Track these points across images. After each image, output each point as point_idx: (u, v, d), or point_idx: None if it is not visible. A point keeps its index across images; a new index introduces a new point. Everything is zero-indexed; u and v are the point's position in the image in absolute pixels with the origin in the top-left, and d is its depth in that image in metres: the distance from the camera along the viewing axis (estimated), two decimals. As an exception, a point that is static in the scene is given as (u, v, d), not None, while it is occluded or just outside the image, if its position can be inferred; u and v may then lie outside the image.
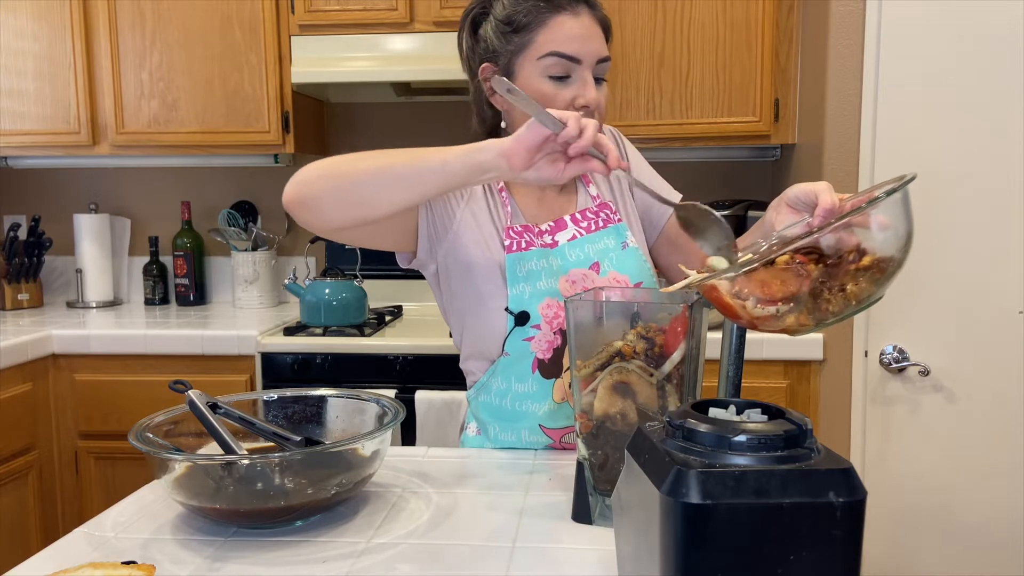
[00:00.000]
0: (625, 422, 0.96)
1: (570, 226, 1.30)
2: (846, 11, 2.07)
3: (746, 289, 0.86)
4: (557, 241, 1.29)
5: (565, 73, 1.21)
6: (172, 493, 0.99)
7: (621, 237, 1.31)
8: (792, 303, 0.86)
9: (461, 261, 1.27)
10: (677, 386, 0.94)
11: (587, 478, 1.00)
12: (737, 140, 2.39)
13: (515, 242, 1.26)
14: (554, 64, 1.21)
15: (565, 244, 1.28)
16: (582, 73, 1.21)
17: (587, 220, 1.32)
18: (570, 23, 1.21)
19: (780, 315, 0.86)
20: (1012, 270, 2.04)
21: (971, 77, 2.02)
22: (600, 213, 1.33)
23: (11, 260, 2.76)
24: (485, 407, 1.32)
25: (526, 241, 1.26)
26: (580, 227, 1.31)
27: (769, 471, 0.66)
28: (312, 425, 1.16)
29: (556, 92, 1.21)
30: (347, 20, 2.45)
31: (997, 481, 2.08)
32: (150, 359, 2.33)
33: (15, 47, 2.56)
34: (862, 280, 0.86)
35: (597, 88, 1.23)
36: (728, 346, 1.07)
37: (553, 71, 1.21)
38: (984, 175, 2.03)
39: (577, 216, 1.32)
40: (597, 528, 0.99)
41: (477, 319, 1.27)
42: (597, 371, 0.96)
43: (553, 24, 1.20)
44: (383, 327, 2.47)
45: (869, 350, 2.12)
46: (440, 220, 1.27)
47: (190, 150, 2.59)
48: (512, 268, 1.24)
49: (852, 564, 0.66)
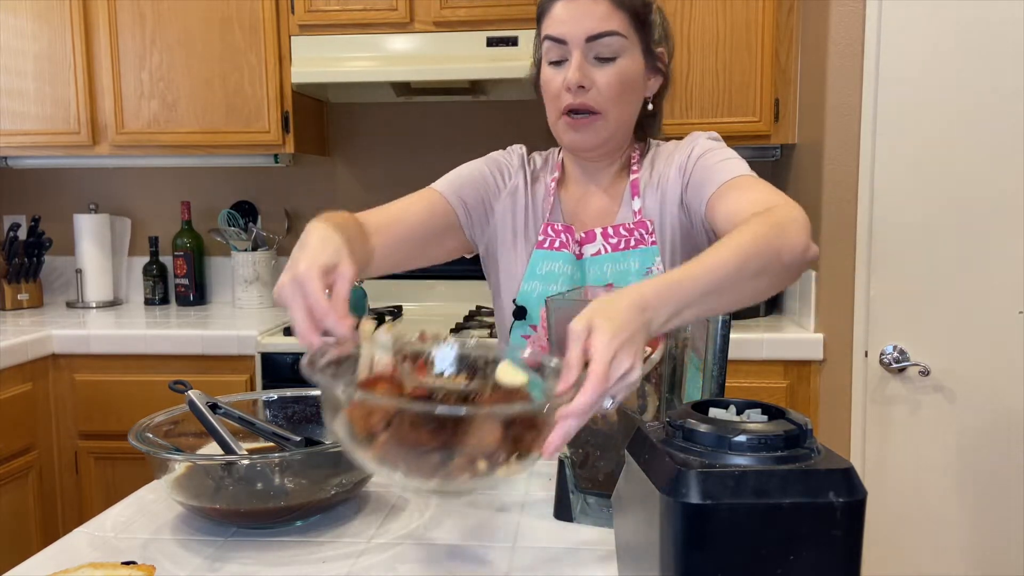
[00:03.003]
0: (605, 421, 0.96)
1: (598, 240, 1.25)
2: (846, 11, 2.07)
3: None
4: (583, 253, 1.26)
5: (561, 57, 1.19)
6: (172, 493, 0.99)
7: (648, 262, 1.22)
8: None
9: (496, 251, 1.31)
10: (656, 386, 0.95)
11: (568, 476, 1.00)
12: (737, 140, 2.39)
13: (549, 240, 1.27)
14: (549, 48, 1.20)
15: (588, 259, 1.25)
16: (572, 53, 1.17)
17: (618, 237, 1.25)
18: (562, 7, 1.18)
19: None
20: (1012, 270, 2.03)
21: (971, 77, 2.02)
22: (635, 232, 1.24)
23: (11, 260, 2.76)
24: None
25: (560, 242, 1.26)
26: (608, 243, 1.25)
27: (769, 471, 0.66)
28: (312, 425, 1.16)
29: (552, 77, 1.20)
30: (347, 20, 2.45)
31: (997, 481, 2.08)
32: (150, 359, 2.33)
33: (15, 47, 2.56)
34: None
35: (601, 67, 1.17)
36: (712, 345, 1.07)
37: (551, 55, 1.20)
38: (984, 175, 2.03)
39: (609, 231, 1.25)
40: (597, 528, 0.99)
41: (497, 304, 1.33)
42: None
43: (552, 11, 1.19)
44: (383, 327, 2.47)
45: (869, 350, 2.12)
46: (479, 215, 1.29)
47: (190, 150, 2.59)
48: (534, 263, 1.26)
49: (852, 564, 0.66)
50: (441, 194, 1.27)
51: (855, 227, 2.10)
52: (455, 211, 1.26)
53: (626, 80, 1.19)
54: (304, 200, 2.93)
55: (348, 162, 2.91)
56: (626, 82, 1.19)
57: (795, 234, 0.96)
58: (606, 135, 1.22)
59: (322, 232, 0.94)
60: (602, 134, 1.21)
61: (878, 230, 2.09)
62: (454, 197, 1.27)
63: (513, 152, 1.35)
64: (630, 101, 1.22)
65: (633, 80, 1.20)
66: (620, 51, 1.17)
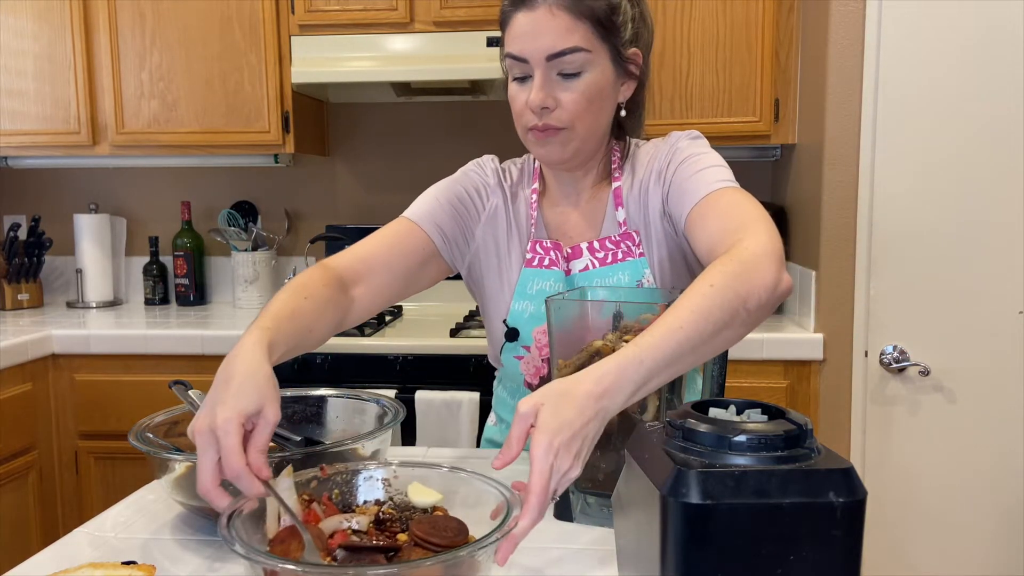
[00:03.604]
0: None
1: (585, 255, 1.21)
2: (846, 11, 2.07)
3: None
4: (571, 269, 1.22)
5: (524, 73, 1.13)
6: (172, 493, 0.99)
7: (637, 275, 1.19)
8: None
9: (481, 273, 1.28)
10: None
11: None
12: (737, 140, 2.39)
13: (538, 257, 1.23)
14: (512, 65, 1.14)
15: (577, 275, 1.21)
16: (534, 72, 1.11)
17: (605, 251, 1.21)
18: (520, 20, 1.11)
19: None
20: (1012, 270, 2.04)
21: (971, 77, 2.02)
22: (621, 244, 1.20)
23: (11, 260, 2.76)
24: (499, 402, 1.35)
25: (549, 259, 1.22)
26: (596, 257, 1.21)
27: (769, 471, 0.66)
28: (312, 425, 1.16)
29: (516, 94, 1.15)
30: (347, 20, 2.45)
31: (997, 481, 2.08)
32: (150, 359, 2.33)
33: (15, 47, 2.56)
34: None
35: (566, 83, 1.11)
36: None
37: (514, 72, 1.15)
38: (984, 175, 2.03)
39: (595, 245, 1.21)
40: (597, 528, 0.99)
41: (488, 324, 1.29)
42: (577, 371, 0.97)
43: (512, 23, 1.12)
44: (383, 327, 2.47)
45: (869, 350, 2.12)
46: (461, 241, 1.26)
47: (190, 150, 2.59)
48: (523, 283, 1.22)
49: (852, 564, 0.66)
50: (417, 224, 1.22)
51: (855, 227, 2.10)
52: (432, 240, 1.22)
53: (593, 95, 1.13)
54: (304, 200, 2.93)
55: (348, 162, 2.91)
56: (593, 97, 1.13)
57: (762, 275, 0.92)
58: (574, 148, 1.17)
59: (250, 362, 0.90)
60: (570, 147, 1.16)
61: (878, 230, 2.09)
62: (430, 225, 1.22)
63: (486, 168, 1.29)
64: (599, 112, 1.16)
65: (601, 92, 1.14)
66: (584, 66, 1.11)
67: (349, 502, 0.91)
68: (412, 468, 0.92)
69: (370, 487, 0.92)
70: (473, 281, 1.30)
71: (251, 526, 0.81)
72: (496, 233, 1.26)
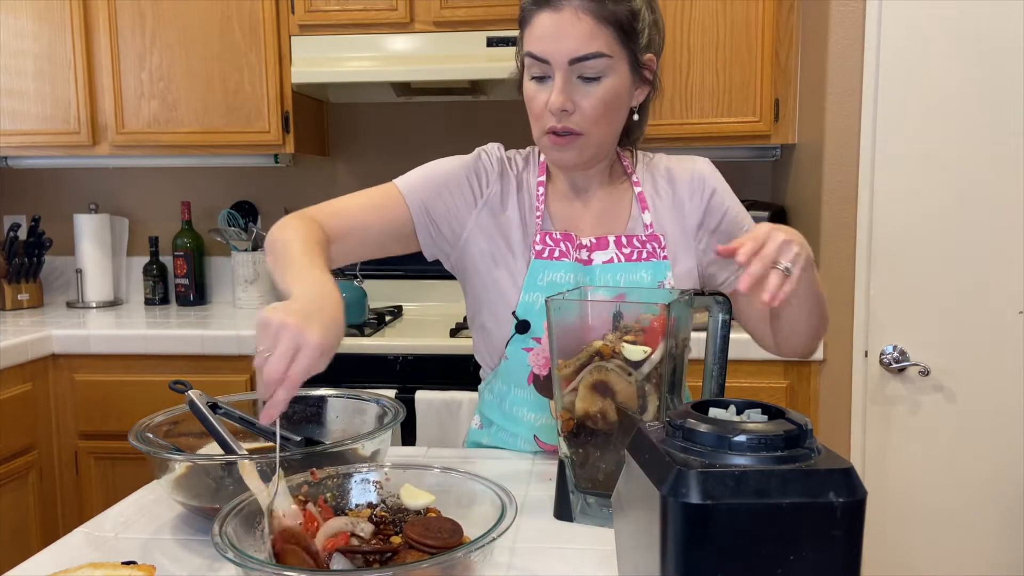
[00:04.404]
0: (605, 421, 0.96)
1: (611, 248, 1.23)
2: (846, 11, 2.07)
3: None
4: (592, 259, 1.22)
5: (543, 73, 1.14)
6: (172, 493, 0.99)
7: (660, 275, 1.22)
8: None
9: (475, 264, 1.27)
10: (656, 385, 0.95)
11: (568, 476, 1.00)
12: (737, 140, 2.39)
13: (548, 249, 1.23)
14: (530, 64, 1.15)
15: (599, 265, 1.22)
16: (554, 74, 1.13)
17: (631, 247, 1.23)
18: (544, 20, 1.12)
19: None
20: (1012, 270, 2.04)
21: (971, 77, 2.02)
22: (647, 244, 1.23)
23: (11, 260, 2.76)
24: (487, 404, 1.32)
25: (560, 251, 1.22)
26: (622, 252, 1.23)
27: (769, 471, 0.66)
28: (312, 425, 1.16)
29: (535, 94, 1.16)
30: (347, 20, 2.45)
31: (997, 481, 2.08)
32: (150, 359, 2.33)
33: (15, 47, 2.56)
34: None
35: (585, 87, 1.13)
36: (712, 346, 1.07)
37: (533, 71, 1.16)
38: (984, 175, 2.03)
39: (623, 240, 1.23)
40: (596, 528, 0.99)
41: (488, 318, 1.27)
42: (577, 370, 0.97)
43: (534, 22, 1.13)
44: (383, 327, 2.47)
45: (869, 350, 2.12)
46: (446, 228, 1.26)
47: (190, 150, 2.59)
48: (533, 274, 1.22)
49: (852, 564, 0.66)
50: (404, 197, 1.23)
51: (855, 227, 2.10)
52: (412, 218, 1.23)
53: (611, 100, 1.15)
54: (304, 200, 2.90)
55: (348, 162, 2.91)
56: (611, 102, 1.15)
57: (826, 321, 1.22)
58: (589, 154, 1.19)
59: (338, 305, 0.93)
60: (585, 153, 1.18)
61: (878, 230, 2.09)
62: (416, 203, 1.23)
63: (492, 155, 1.30)
64: (615, 119, 1.18)
65: (618, 98, 1.16)
66: (605, 71, 1.12)
67: (341, 506, 0.90)
68: (404, 470, 0.92)
69: (362, 490, 0.92)
70: (464, 270, 1.29)
71: (243, 532, 0.80)
72: (497, 221, 1.26)
